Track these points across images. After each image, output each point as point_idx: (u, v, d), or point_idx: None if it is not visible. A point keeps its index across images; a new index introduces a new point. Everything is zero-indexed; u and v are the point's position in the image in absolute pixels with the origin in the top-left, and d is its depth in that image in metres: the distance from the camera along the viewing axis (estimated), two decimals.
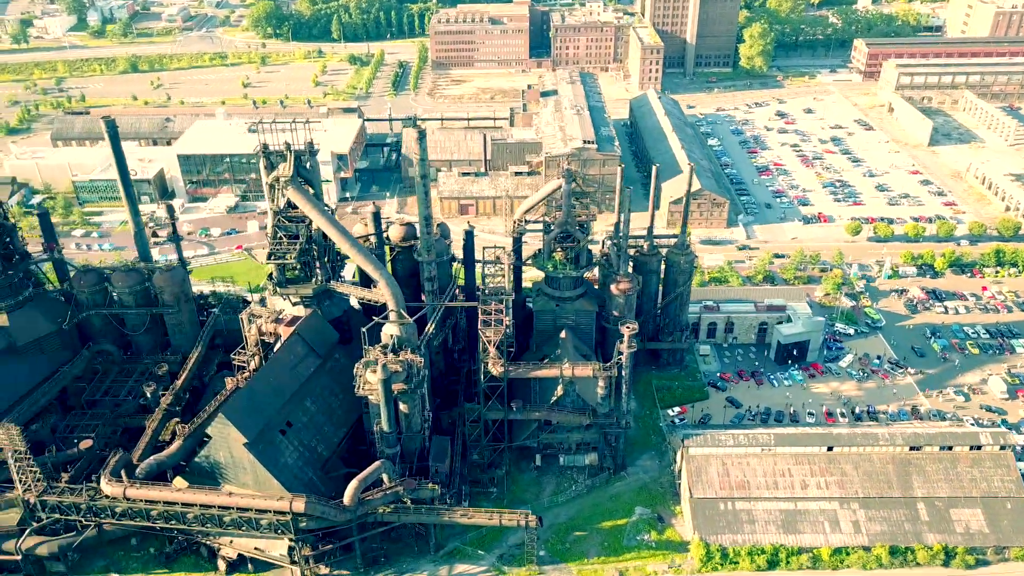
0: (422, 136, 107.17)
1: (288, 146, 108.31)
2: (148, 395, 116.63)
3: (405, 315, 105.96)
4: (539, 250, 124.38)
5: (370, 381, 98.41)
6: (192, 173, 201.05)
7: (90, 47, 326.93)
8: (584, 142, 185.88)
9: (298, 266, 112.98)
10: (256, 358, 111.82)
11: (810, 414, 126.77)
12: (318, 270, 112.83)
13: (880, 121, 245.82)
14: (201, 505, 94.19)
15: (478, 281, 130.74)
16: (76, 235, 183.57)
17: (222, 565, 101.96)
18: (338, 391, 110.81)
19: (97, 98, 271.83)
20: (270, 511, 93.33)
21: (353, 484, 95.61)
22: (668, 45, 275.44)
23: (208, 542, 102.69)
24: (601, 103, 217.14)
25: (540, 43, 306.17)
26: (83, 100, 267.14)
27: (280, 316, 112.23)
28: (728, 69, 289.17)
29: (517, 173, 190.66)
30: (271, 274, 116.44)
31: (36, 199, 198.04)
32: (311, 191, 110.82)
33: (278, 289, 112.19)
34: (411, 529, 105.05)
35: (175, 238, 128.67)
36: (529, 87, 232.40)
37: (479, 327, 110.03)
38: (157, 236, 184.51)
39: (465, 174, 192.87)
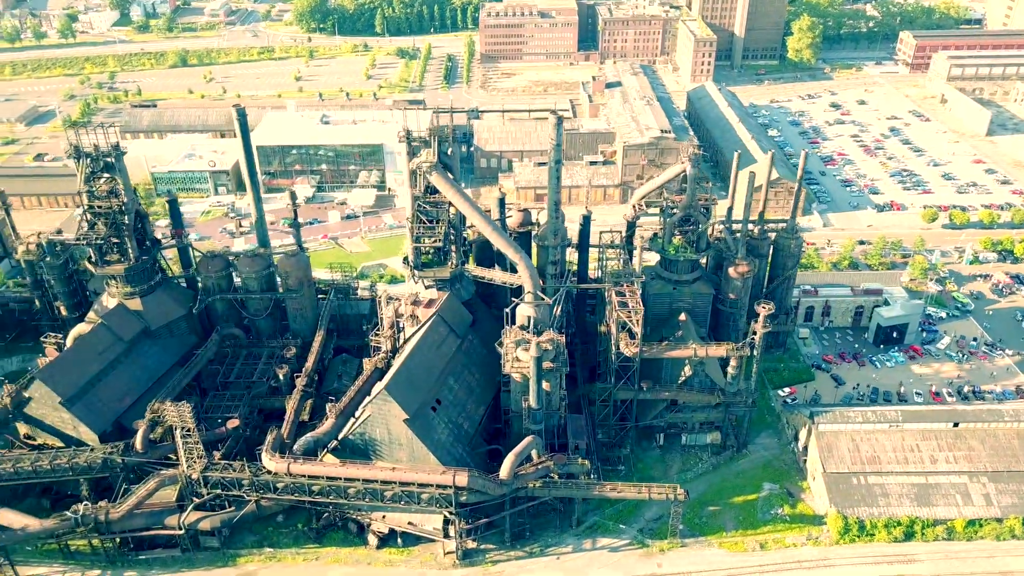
0: (559, 122, 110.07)
1: (432, 133, 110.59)
2: (281, 377, 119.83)
3: (544, 297, 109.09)
4: (655, 233, 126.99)
5: (521, 359, 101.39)
6: (266, 164, 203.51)
7: (136, 42, 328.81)
8: (661, 131, 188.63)
9: (432, 250, 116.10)
10: (390, 340, 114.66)
11: (917, 394, 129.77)
12: (454, 253, 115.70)
13: (934, 112, 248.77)
14: (364, 480, 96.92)
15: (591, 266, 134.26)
16: (160, 225, 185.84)
17: (373, 540, 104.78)
18: (474, 370, 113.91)
19: (151, 92, 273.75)
20: (432, 485, 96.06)
21: (510, 459, 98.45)
22: (716, 38, 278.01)
23: (358, 517, 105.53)
24: (667, 94, 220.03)
25: (585, 36, 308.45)
26: (139, 94, 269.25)
27: (418, 298, 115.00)
28: (774, 62, 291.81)
29: (592, 163, 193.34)
30: (405, 258, 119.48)
31: None
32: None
33: (416, 272, 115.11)
34: (550, 505, 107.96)
35: (295, 224, 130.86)
36: (594, 79, 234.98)
37: (609, 309, 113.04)
38: (241, 226, 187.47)
39: (541, 164, 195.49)
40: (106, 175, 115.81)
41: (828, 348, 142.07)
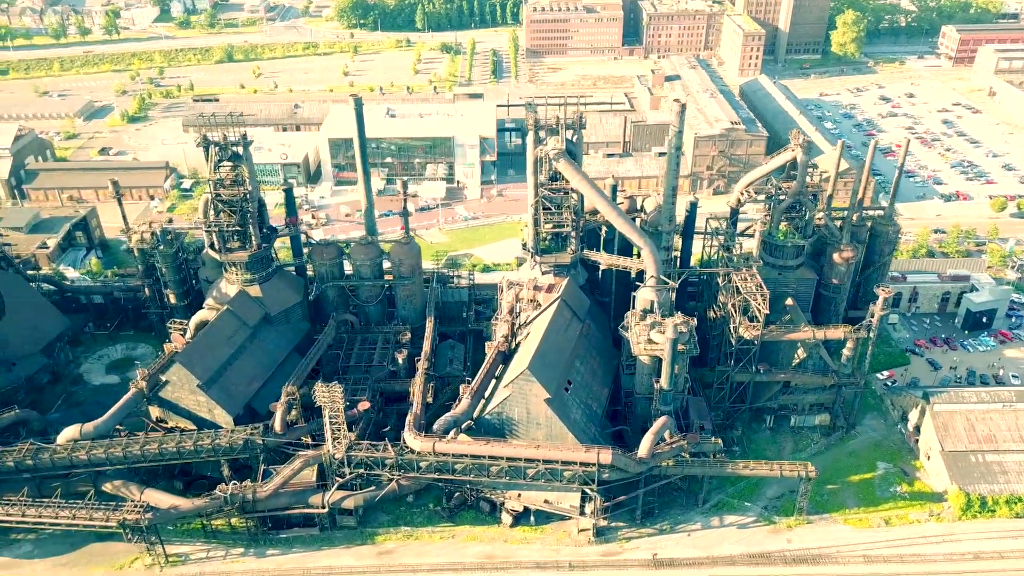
0: (683, 110, 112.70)
1: (559, 121, 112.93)
2: (400, 361, 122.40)
3: (667, 281, 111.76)
4: (760, 220, 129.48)
5: (656, 341, 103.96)
6: (333, 157, 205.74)
7: (179, 38, 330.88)
8: (731, 123, 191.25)
9: (551, 236, 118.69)
10: (508, 324, 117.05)
11: (1014, 376, 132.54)
12: (573, 239, 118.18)
13: (983, 104, 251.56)
14: (508, 458, 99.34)
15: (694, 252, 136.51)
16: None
17: (507, 518, 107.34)
18: (595, 354, 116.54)
19: (203, 87, 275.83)
20: (576, 463, 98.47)
21: (648, 438, 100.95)
22: (764, 32, 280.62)
23: (491, 496, 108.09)
24: (727, 87, 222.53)
25: (627, 31, 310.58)
26: (191, 88, 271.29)
27: (538, 284, 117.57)
28: (817, 56, 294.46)
29: (660, 154, 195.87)
30: (524, 243, 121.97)
31: (186, 183, 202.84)
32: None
33: (537, 258, 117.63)
34: (673, 484, 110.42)
35: (405, 213, 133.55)
36: (653, 72, 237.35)
37: (728, 293, 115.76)
38: (315, 218, 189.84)
39: (610, 155, 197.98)
40: (233, 164, 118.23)
41: (917, 333, 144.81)
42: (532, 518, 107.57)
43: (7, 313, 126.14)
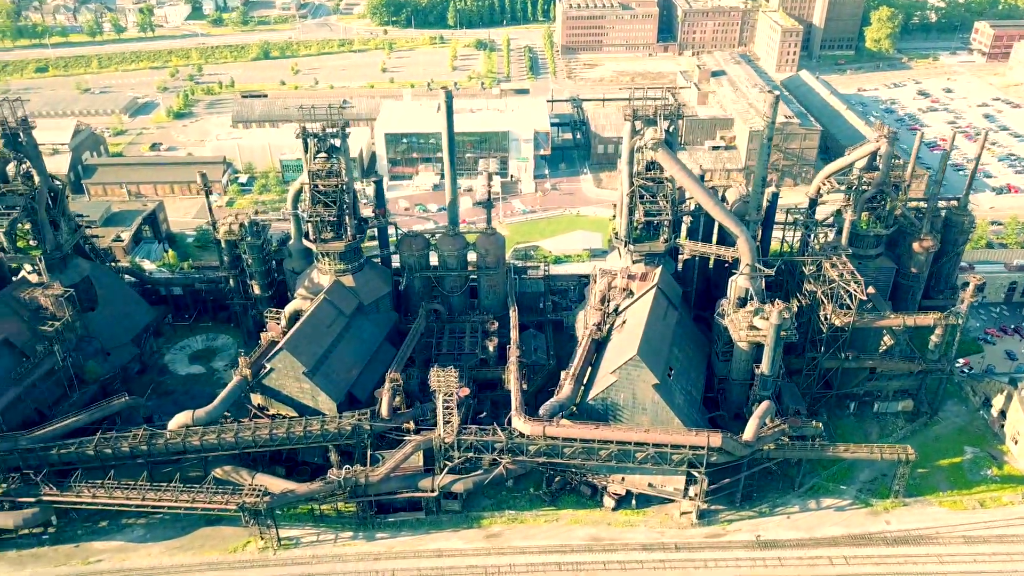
0: (777, 101, 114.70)
1: (656, 111, 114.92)
2: (491, 349, 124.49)
3: (763, 269, 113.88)
4: (838, 210, 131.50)
5: (759, 327, 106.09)
6: (389, 151, 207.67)
7: (212, 35, 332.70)
8: (785, 117, 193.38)
9: (643, 225, 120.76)
10: (600, 313, 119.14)
11: None
12: (666, 228, 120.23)
13: (1023, 99, 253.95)
14: (618, 442, 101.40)
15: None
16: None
17: (609, 502, 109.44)
18: (688, 341, 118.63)
19: (242, 84, 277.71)
20: (686, 446, 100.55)
21: (754, 421, 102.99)
22: (802, 29, 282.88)
23: (593, 480, 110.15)
24: (773, 82, 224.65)
25: (660, 28, 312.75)
26: (232, 85, 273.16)
27: (631, 272, 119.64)
28: (851, 52, 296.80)
29: (714, 148, 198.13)
30: (616, 232, 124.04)
31: (242, 178, 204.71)
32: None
33: (632, 247, 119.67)
34: (768, 468, 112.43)
35: (487, 204, 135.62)
36: (699, 67, 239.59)
37: (819, 281, 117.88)
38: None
39: None
40: (329, 155, 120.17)
41: (986, 322, 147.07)
42: (634, 501, 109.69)
43: (100, 304, 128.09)
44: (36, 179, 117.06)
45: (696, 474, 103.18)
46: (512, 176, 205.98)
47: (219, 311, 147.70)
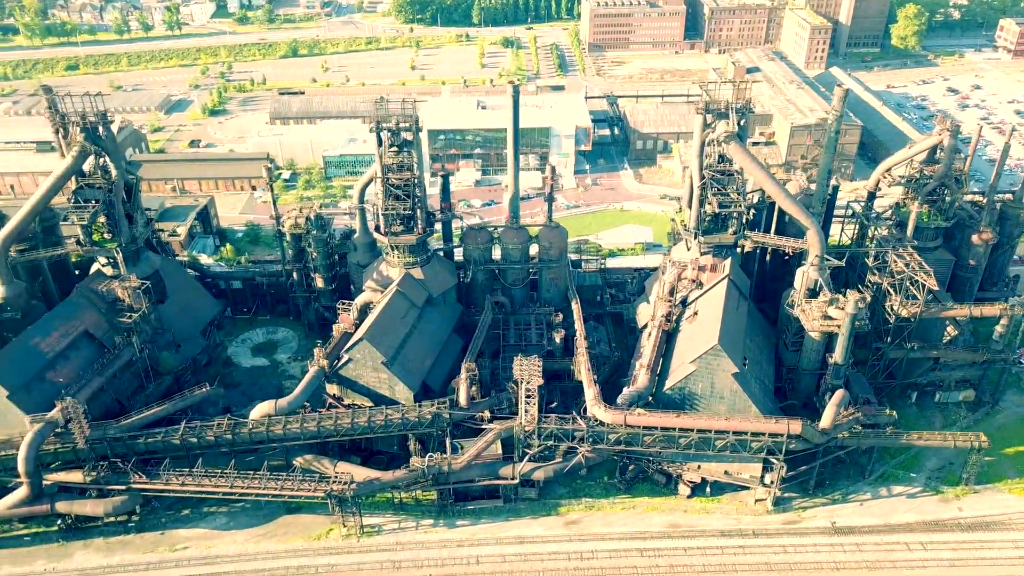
0: (846, 94, 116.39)
1: (728, 104, 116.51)
2: (557, 340, 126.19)
3: (832, 260, 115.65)
4: (897, 203, 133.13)
5: (834, 317, 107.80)
6: (431, 148, 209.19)
7: (238, 33, 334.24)
8: (826, 112, 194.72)
9: (711, 217, 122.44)
10: (668, 304, 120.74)
11: None
12: (735, 220, 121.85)
13: None
14: (698, 430, 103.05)
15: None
16: (342, 206, 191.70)
17: (684, 489, 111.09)
18: (758, 331, 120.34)
19: (273, 81, 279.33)
20: (765, 433, 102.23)
21: (831, 409, 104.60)
22: (831, 26, 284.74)
23: (667, 468, 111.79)
24: (808, 79, 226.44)
25: (686, 25, 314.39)
26: (263, 83, 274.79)
27: (702, 264, 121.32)
28: (876, 49, 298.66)
29: (754, 143, 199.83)
30: (684, 224, 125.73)
31: (284, 174, 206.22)
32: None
33: (701, 238, 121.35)
34: (837, 456, 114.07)
35: (549, 198, 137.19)
36: (734, 64, 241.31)
37: (885, 273, 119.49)
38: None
39: None
40: (401, 149, 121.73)
41: None
42: (708, 489, 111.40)
43: (169, 297, 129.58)
44: (113, 172, 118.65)
45: (775, 461, 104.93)
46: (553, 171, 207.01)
47: (277, 304, 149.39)
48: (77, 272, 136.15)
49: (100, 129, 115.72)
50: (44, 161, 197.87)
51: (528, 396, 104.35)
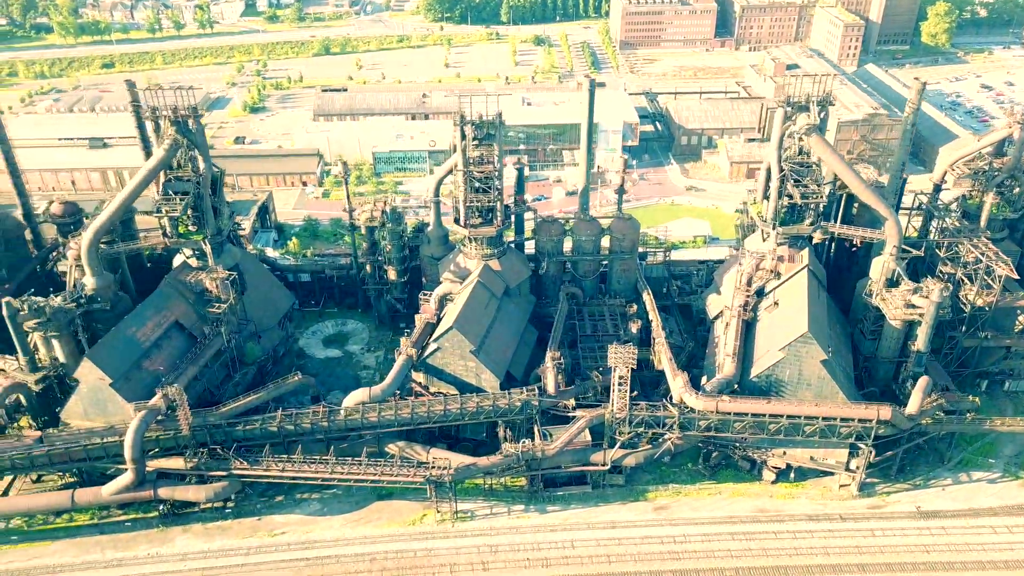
0: (923, 88, 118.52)
1: (809, 97, 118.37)
2: (634, 331, 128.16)
3: (910, 250, 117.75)
4: (963, 195, 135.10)
5: (918, 305, 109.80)
6: None
7: (269, 31, 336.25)
8: (873, 108, 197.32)
9: (786, 208, 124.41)
10: (745, 294, 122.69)
11: None
12: (812, 212, 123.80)
13: None
14: (788, 416, 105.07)
15: None
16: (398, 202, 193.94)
17: (768, 475, 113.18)
18: (835, 319, 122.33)
19: (309, 79, 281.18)
20: (855, 419, 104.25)
21: (917, 395, 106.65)
22: (863, 24, 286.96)
23: (752, 455, 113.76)
24: (848, 75, 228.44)
25: (716, 23, 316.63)
26: (300, 80, 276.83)
27: (781, 255, 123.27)
28: (906, 46, 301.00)
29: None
30: (761, 214, 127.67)
31: (334, 170, 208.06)
32: None
33: (780, 229, 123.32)
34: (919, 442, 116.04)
35: (620, 191, 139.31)
36: (774, 61, 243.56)
37: (949, 264, 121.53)
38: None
39: (752, 140, 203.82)
40: (481, 143, 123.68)
41: None
42: (792, 475, 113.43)
43: (248, 288, 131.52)
44: (201, 165, 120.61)
45: (863, 447, 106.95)
46: (599, 167, 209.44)
47: (345, 297, 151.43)
48: (149, 265, 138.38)
49: (191, 122, 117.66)
50: (97, 157, 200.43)
51: (621, 382, 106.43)
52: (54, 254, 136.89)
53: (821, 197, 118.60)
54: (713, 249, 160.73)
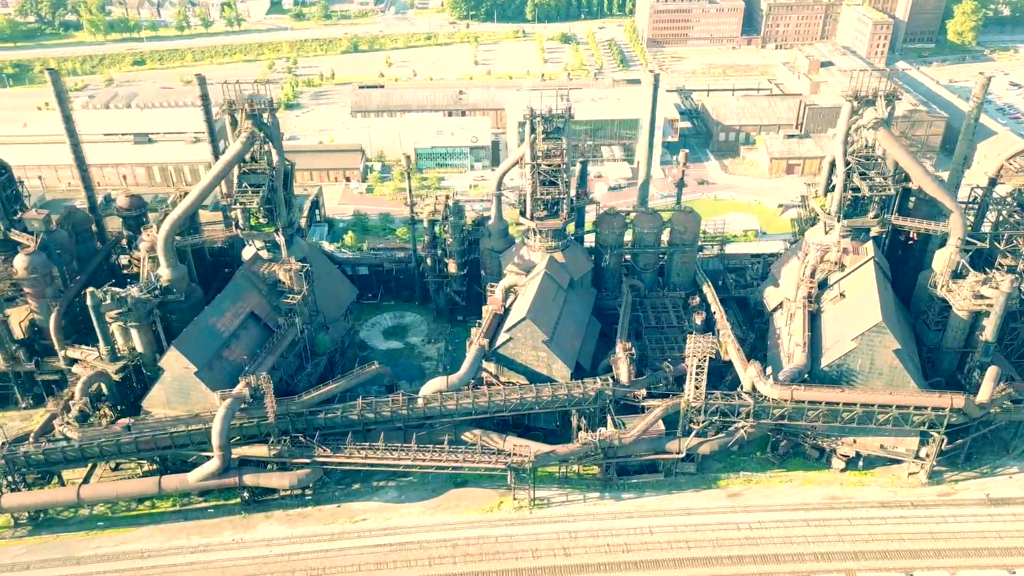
0: (988, 82, 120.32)
1: (876, 92, 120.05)
2: (698, 323, 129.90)
3: (974, 242, 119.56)
4: (1019, 188, 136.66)
5: (987, 296, 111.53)
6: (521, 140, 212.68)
7: (295, 29, 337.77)
8: (912, 105, 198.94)
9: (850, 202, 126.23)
10: (809, 286, 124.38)
11: None
12: (875, 204, 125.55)
13: None
14: (862, 404, 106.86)
15: None
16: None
17: (837, 463, 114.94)
18: (900, 310, 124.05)
19: (340, 76, 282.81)
20: (928, 408, 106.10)
21: (988, 384, 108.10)
22: (892, 22, 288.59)
23: (821, 443, 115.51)
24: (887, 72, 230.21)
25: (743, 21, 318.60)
26: (332, 77, 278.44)
27: (846, 247, 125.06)
28: (932, 45, 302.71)
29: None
30: (824, 207, 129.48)
31: (375, 165, 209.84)
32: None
33: (844, 221, 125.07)
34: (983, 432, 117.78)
35: (680, 184, 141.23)
36: (808, 58, 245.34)
37: (1010, 257, 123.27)
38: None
39: (790, 136, 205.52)
40: (549, 136, 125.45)
41: None
42: (861, 463, 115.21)
43: (314, 280, 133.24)
44: (275, 158, 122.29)
45: (935, 435, 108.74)
46: (637, 163, 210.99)
47: (402, 290, 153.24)
48: (210, 258, 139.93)
49: (266, 116, 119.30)
50: (142, 152, 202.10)
51: (698, 372, 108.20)
52: (117, 247, 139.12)
53: (888, 189, 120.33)
54: (765, 243, 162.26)
